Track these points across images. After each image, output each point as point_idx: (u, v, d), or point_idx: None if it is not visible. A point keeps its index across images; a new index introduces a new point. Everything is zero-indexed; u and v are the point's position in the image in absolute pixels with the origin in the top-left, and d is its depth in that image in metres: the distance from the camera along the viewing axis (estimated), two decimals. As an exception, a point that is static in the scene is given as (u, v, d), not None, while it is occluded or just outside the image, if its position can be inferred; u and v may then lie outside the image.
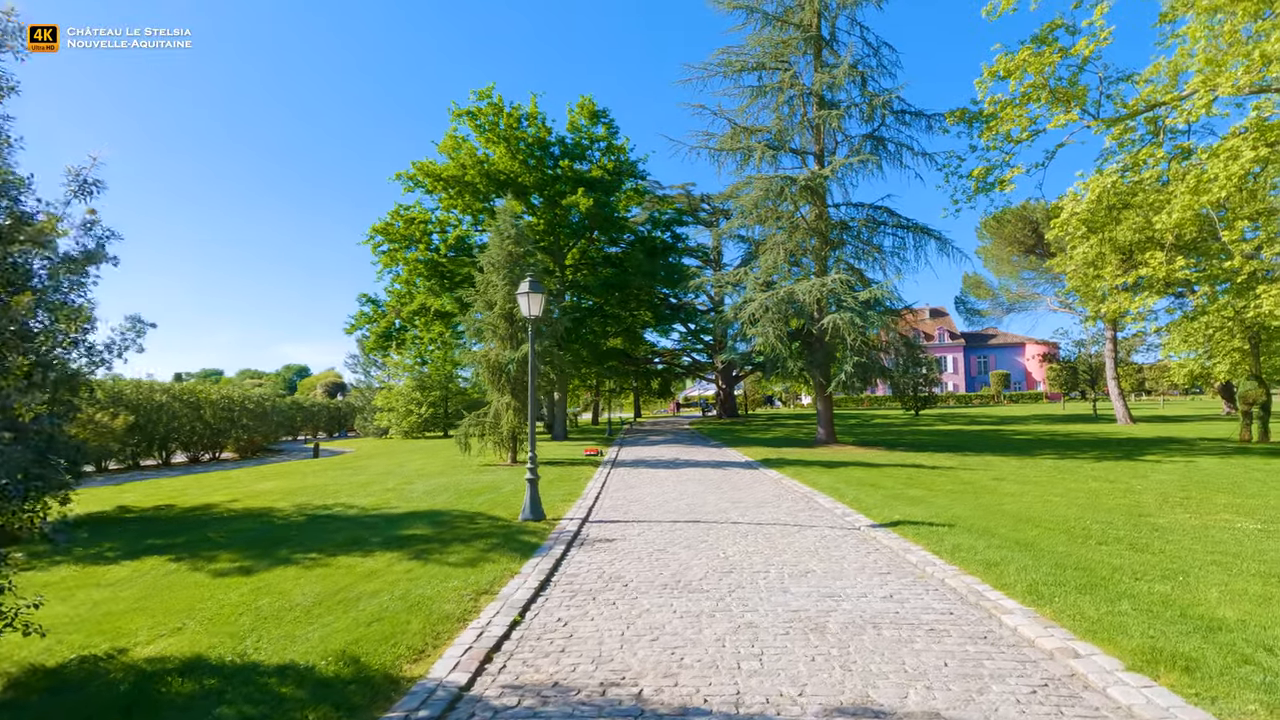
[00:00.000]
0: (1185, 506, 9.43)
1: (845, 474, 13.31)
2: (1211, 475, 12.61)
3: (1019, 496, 10.33)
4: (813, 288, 18.34)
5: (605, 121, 27.90)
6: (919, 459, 16.46)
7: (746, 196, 20.40)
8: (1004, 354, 74.51)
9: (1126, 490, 11.04)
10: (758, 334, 19.51)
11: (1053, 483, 12.03)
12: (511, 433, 16.77)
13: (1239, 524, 8.13)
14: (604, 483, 12.71)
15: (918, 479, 12.50)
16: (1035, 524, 7.96)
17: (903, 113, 20.84)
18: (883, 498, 10.08)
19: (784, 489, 11.50)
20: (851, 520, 8.33)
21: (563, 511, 9.34)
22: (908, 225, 20.85)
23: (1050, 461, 15.68)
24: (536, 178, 26.38)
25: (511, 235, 17.00)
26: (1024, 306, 39.89)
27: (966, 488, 11.33)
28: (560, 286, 27.72)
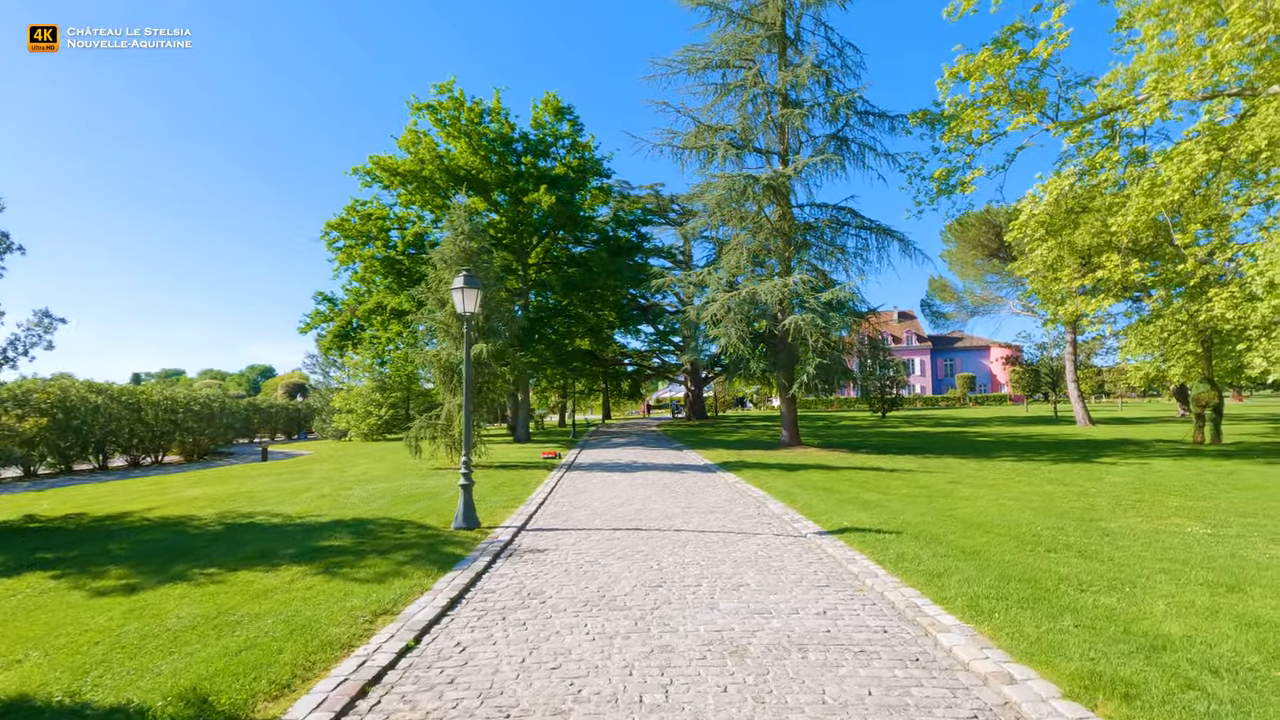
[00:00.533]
0: (1137, 510, 9.31)
1: (802, 477, 13.02)
2: (1165, 477, 12.60)
3: (973, 500, 10.13)
4: (775, 288, 18.08)
5: (570, 118, 27.42)
6: (879, 461, 16.29)
7: (710, 196, 20.08)
8: (970, 357, 75.67)
9: (1081, 493, 10.93)
10: (720, 335, 19.20)
11: (1009, 486, 11.90)
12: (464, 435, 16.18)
13: (1189, 528, 7.99)
14: (553, 487, 12.23)
15: (874, 483, 12.26)
16: (986, 530, 7.71)
17: (866, 114, 20.74)
18: (835, 503, 9.78)
19: (737, 493, 11.15)
20: (799, 527, 7.99)
21: (501, 519, 8.85)
22: (871, 226, 20.75)
23: (1009, 464, 15.63)
24: (499, 174, 25.79)
25: (465, 231, 16.44)
26: (987, 310, 40.41)
27: (922, 491, 11.11)
28: (523, 285, 27.16)
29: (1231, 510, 9.07)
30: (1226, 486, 11.36)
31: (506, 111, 26.52)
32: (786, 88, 20.66)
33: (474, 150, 25.66)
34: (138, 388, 22.15)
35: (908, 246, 20.42)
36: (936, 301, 46.36)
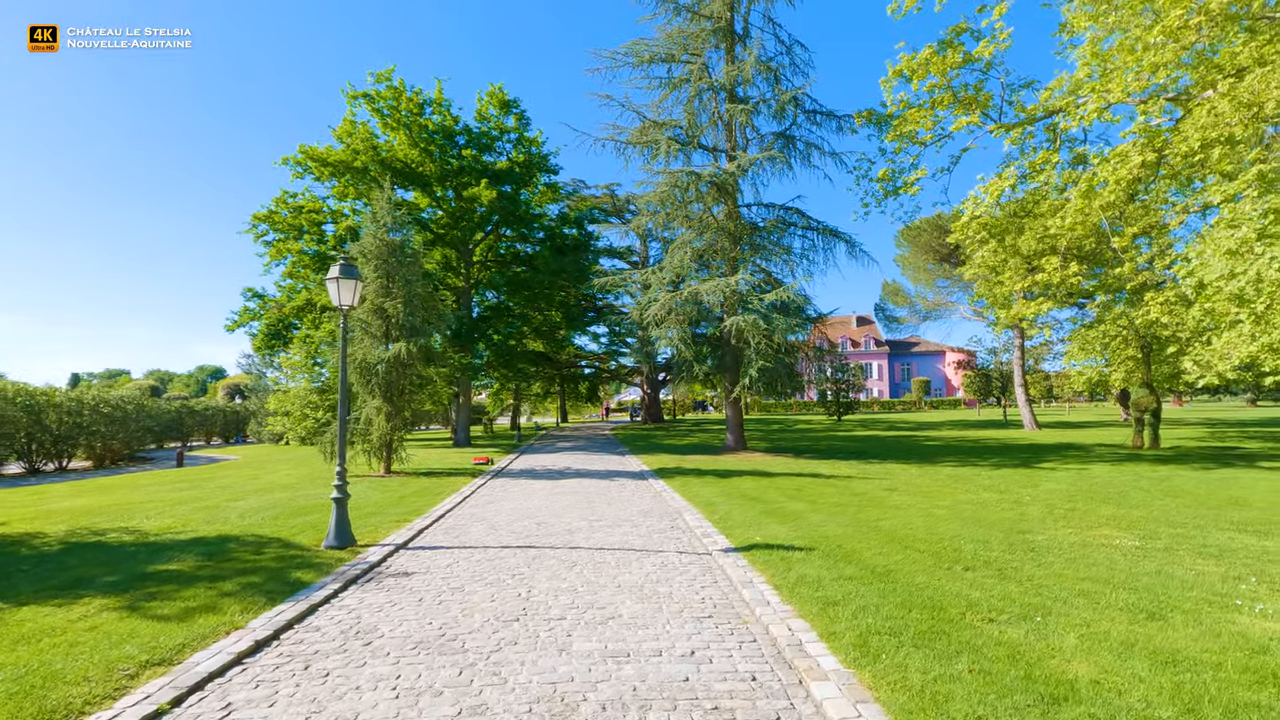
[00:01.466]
0: (1068, 520, 8.90)
1: (734, 485, 12.41)
2: (1100, 484, 12.35)
3: (903, 510, 9.63)
4: (716, 288, 17.51)
5: (516, 112, 26.51)
6: (821, 467, 15.82)
7: (653, 193, 19.45)
8: (926, 361, 76.81)
9: (1015, 501, 10.54)
10: (662, 336, 18.55)
11: (944, 493, 11.48)
12: (384, 440, 15.17)
13: (1118, 540, 7.57)
14: (466, 497, 11.36)
15: (807, 490, 11.71)
16: (906, 545, 7.15)
17: (814, 112, 20.39)
18: (758, 513, 9.16)
19: (660, 503, 10.46)
20: (708, 542, 7.32)
21: (385, 535, 7.97)
22: (818, 227, 20.37)
23: (949, 469, 15.30)
24: (440, 168, 24.74)
25: (387, 223, 15.44)
26: (939, 314, 40.79)
27: (853, 500, 10.58)
28: (466, 284, 26.11)
29: (1162, 520, 8.72)
30: (1160, 494, 11.12)
31: (449, 103, 25.52)
32: (734, 84, 20.19)
33: (414, 142, 24.58)
34: (37, 388, 20.47)
35: (854, 248, 20.10)
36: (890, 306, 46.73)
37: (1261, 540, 7.55)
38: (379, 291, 15.10)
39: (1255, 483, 12.17)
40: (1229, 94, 10.92)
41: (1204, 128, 11.23)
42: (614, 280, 19.78)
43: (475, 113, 26.31)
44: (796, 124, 20.51)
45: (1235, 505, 9.96)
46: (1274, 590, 5.52)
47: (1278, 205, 7.53)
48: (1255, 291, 8.35)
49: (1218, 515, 9.10)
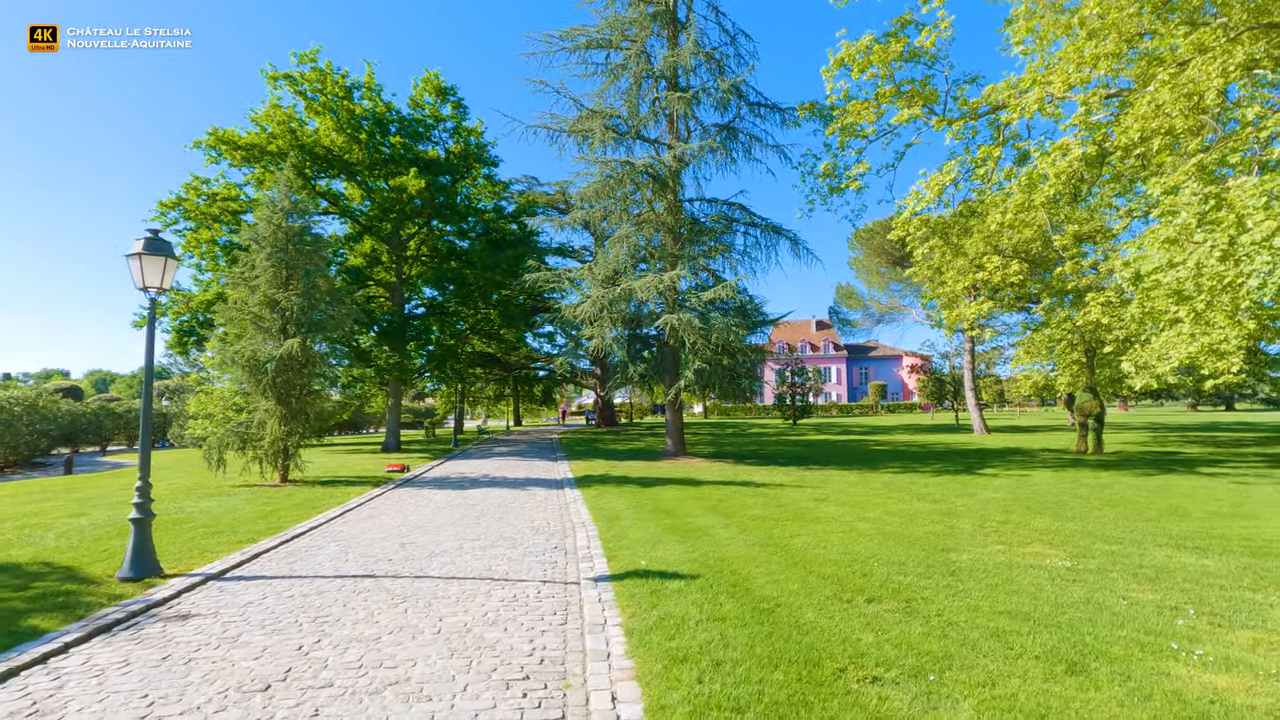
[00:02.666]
0: (999, 535, 8.12)
1: (653, 496, 11.41)
2: (1040, 492, 11.70)
3: (825, 524, 8.74)
4: (650, 285, 16.52)
5: (454, 100, 25.22)
6: (756, 474, 14.94)
7: (588, 185, 18.42)
8: (884, 365, 77.40)
9: (947, 512, 9.76)
10: (593, 335, 17.49)
11: (876, 503, 10.67)
12: (279, 446, 13.76)
13: (1048, 559, 6.78)
14: (347, 511, 10.10)
15: (729, 501, 10.77)
16: (810, 569, 6.21)
17: (758, 105, 19.62)
18: (660, 530, 8.15)
19: (560, 517, 9.39)
20: (585, 568, 6.27)
21: (208, 560, 6.72)
22: (761, 224, 19.59)
23: (889, 476, 14.58)
24: (369, 156, 23.28)
25: (285, 207, 14.06)
26: (893, 318, 40.67)
27: (775, 512, 9.66)
28: (398, 279, 24.64)
29: (1098, 534, 7.99)
30: (1098, 503, 10.48)
31: (380, 89, 24.07)
32: (675, 72, 19.30)
33: (341, 128, 23.07)
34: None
35: (798, 246, 19.36)
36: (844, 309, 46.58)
37: (1200, 558, 6.83)
38: (273, 282, 13.71)
39: (1194, 490, 11.67)
40: (1170, 82, 10.38)
41: (1144, 118, 10.68)
42: (547, 277, 18.61)
43: (409, 99, 24.93)
44: (740, 116, 19.72)
45: (1174, 516, 9.35)
46: (1214, 624, 4.72)
47: (1219, 192, 6.88)
48: (1195, 287, 7.69)
49: (1156, 528, 8.43)
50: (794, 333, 79.30)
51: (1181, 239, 7.13)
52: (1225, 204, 6.65)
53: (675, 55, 18.30)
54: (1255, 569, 6.39)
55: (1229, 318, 8.40)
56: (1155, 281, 7.68)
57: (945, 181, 14.53)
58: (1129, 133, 10.85)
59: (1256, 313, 7.97)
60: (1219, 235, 6.37)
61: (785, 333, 78.88)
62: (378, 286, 25.46)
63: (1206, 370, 10.69)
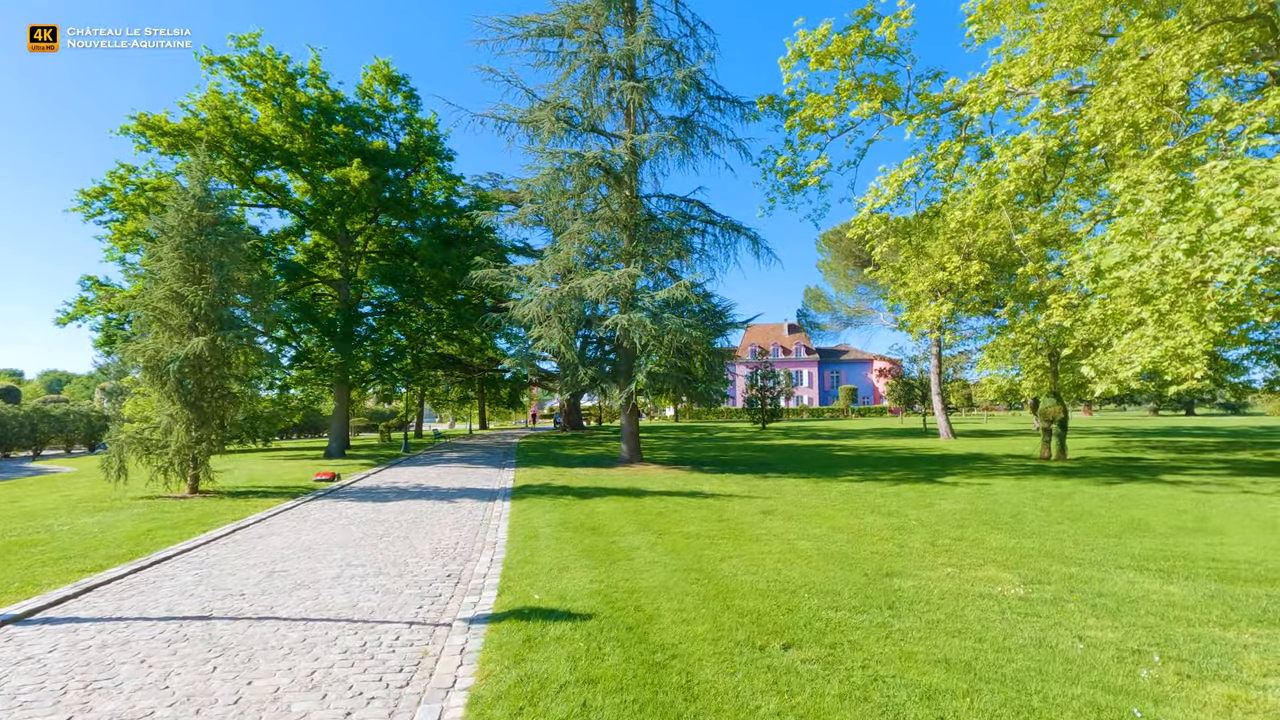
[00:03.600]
0: (952, 554, 7.41)
1: (586, 509, 10.54)
2: (999, 503, 11.08)
3: (764, 542, 7.96)
4: (600, 283, 15.66)
5: (405, 90, 24.13)
6: (708, 484, 14.15)
7: (536, 177, 17.50)
8: (855, 369, 77.55)
9: (899, 527, 9.05)
10: (541, 336, 16.57)
11: (825, 516, 9.93)
12: (186, 455, 12.59)
13: (1000, 585, 6.06)
14: (237, 529, 9.04)
15: (668, 516, 9.94)
16: (730, 602, 5.40)
17: (718, 98, 18.90)
18: (574, 553, 7.28)
19: (474, 536, 8.46)
20: (469, 602, 5.38)
21: (23, 595, 5.67)
22: (720, 222, 18.86)
23: (846, 485, 13.90)
24: (312, 146, 22.08)
25: (197, 194, 12.92)
26: (861, 321, 40.37)
27: (713, 529, 8.85)
28: (344, 276, 23.42)
29: (1056, 553, 7.32)
30: (1058, 515, 9.87)
31: (327, 76, 22.92)
32: (632, 63, 18.51)
33: (282, 116, 21.85)
34: None
35: (757, 245, 18.66)
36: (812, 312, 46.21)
37: (1165, 584, 6.17)
38: (181, 275, 12.56)
39: (1157, 501, 11.15)
40: (1134, 71, 9.83)
41: (1106, 109, 10.12)
42: (494, 274, 17.63)
43: (358, 88, 23.79)
44: (700, 110, 18.98)
45: (1137, 531, 8.75)
46: (1183, 675, 3.99)
47: (1186, 182, 6.26)
48: (1159, 285, 7.06)
49: (1117, 546, 7.80)
50: (766, 336, 79.10)
51: (1145, 231, 6.50)
52: (1192, 193, 6.03)
53: (631, 44, 17.50)
54: (1224, 597, 5.73)
55: (1195, 320, 7.81)
56: (1117, 279, 7.05)
57: (905, 178, 13.94)
58: (1091, 125, 10.29)
59: (1223, 314, 7.40)
60: (1186, 226, 5.73)
61: (757, 336, 78.64)
62: (324, 284, 24.21)
63: (1169, 376, 10.16)
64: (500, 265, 18.63)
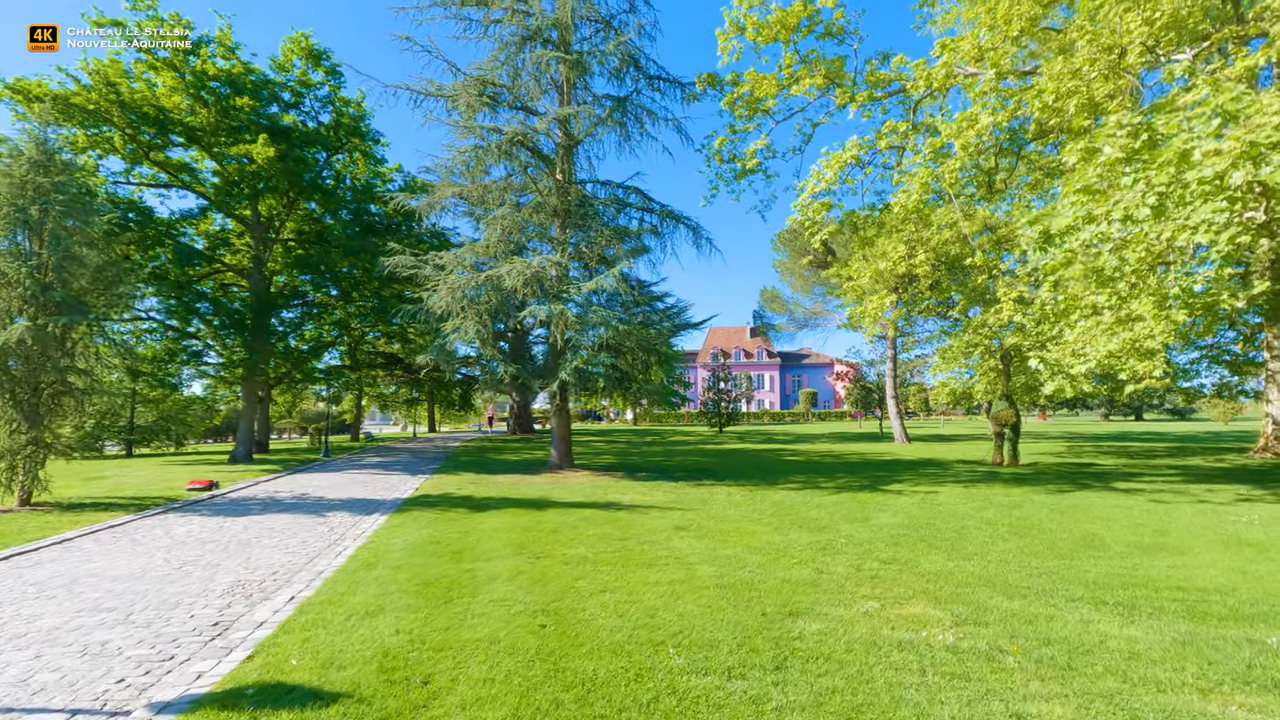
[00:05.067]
0: (878, 583, 6.16)
1: (465, 526, 9.06)
2: (943, 515, 9.94)
3: (658, 568, 6.61)
4: (518, 271, 14.18)
5: (328, 65, 22.28)
6: (631, 492, 12.78)
7: (453, 154, 15.96)
8: (817, 373, 77.29)
9: (825, 546, 7.80)
10: (459, 329, 15.02)
11: (745, 533, 8.65)
12: (10, 461, 10.69)
13: (927, 627, 4.81)
14: (20, 552, 7.32)
15: (561, 533, 8.53)
16: (564, 663, 4.00)
17: (658, 78, 17.61)
18: (408, 588, 5.80)
19: (298, 566, 6.92)
20: (193, 672, 3.89)
21: None
22: (659, 210, 17.54)
23: (783, 494, 12.68)
24: (217, 121, 20.11)
25: (32, 158, 11.06)
26: (817, 323, 39.60)
27: (605, 550, 7.47)
28: (255, 264, 21.43)
29: (999, 582, 6.11)
30: (1006, 530, 8.74)
31: (239, 47, 20.97)
32: (567, 38, 17.10)
33: (185, 88, 19.85)
34: None
35: (698, 235, 17.38)
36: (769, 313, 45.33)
37: (1126, 624, 4.98)
38: (9, 252, 10.69)
39: (1111, 513, 10.13)
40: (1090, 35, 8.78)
41: (1059, 78, 9.07)
42: (406, 262, 16.00)
43: (274, 62, 21.88)
44: (638, 91, 17.64)
45: (1090, 549, 7.65)
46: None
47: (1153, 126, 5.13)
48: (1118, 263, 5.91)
49: (1070, 569, 6.65)
50: (729, 339, 78.39)
51: (1105, 185, 5.36)
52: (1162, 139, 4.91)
53: (561, 12, 16.09)
54: (1198, 644, 4.55)
55: (1156, 308, 6.72)
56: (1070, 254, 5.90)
57: (847, 159, 12.80)
58: (1043, 95, 9.23)
59: (1188, 301, 6.33)
60: (1156, 174, 4.58)
61: (719, 339, 77.89)
62: (233, 273, 22.18)
63: (1126, 375, 9.15)
64: (420, 253, 16.97)
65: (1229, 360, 20.99)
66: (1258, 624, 5.04)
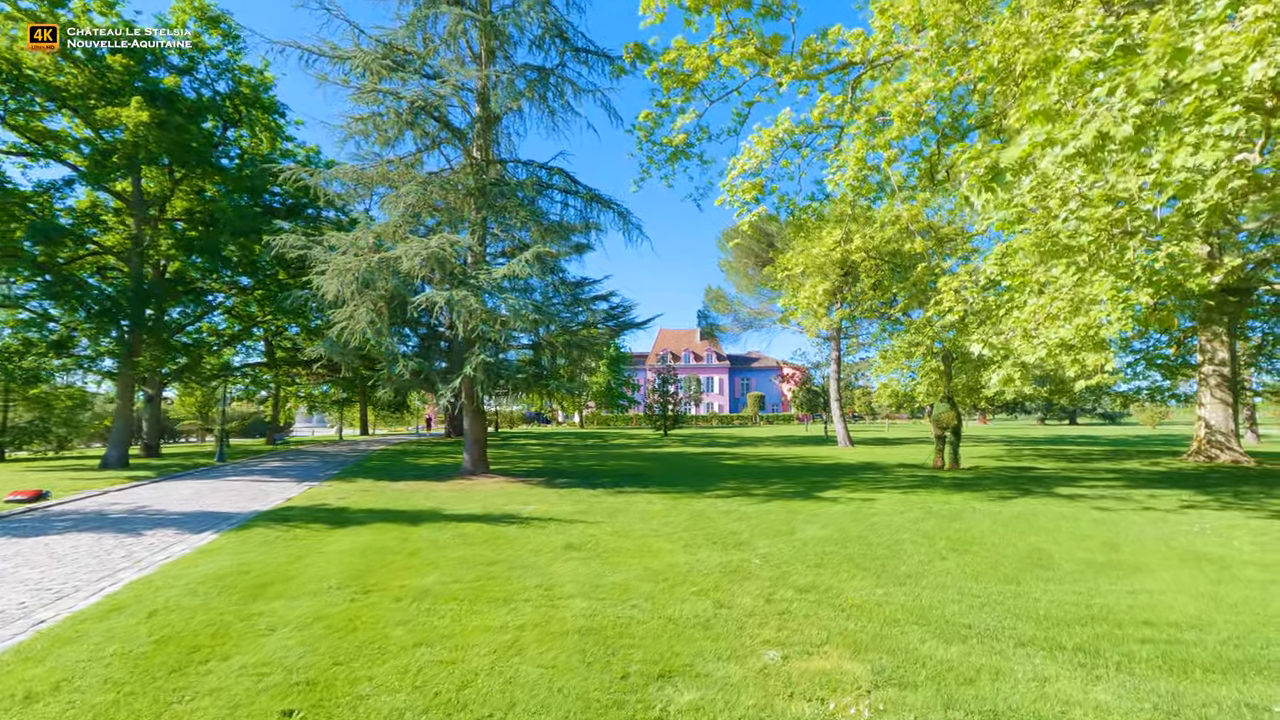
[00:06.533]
0: (787, 620, 4.90)
1: (306, 547, 7.45)
2: (877, 526, 8.81)
3: (514, 605, 5.19)
4: (414, 251, 12.55)
5: (225, 29, 20.11)
6: (538, 502, 11.31)
7: (352, 123, 14.23)
8: (765, 376, 77.17)
9: (735, 569, 6.53)
10: (350, 318, 13.27)
11: (648, 551, 7.31)
12: None
13: (837, 691, 3.55)
14: None
15: (420, 555, 7.01)
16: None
17: (585, 51, 16.23)
18: (115, 653, 4.24)
19: (50, 605, 5.24)
20: None
21: None
22: (584, 193, 16.16)
23: (708, 502, 11.43)
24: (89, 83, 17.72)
25: None
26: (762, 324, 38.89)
27: (462, 579, 6.00)
28: (135, 246, 19.02)
29: (934, 618, 4.90)
30: (945, 544, 7.65)
31: (120, 2, 18.64)
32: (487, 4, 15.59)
33: (53, 46, 17.42)
34: None
35: (626, 220, 16.05)
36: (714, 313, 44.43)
37: (1090, 683, 3.82)
38: None
39: (1056, 522, 9.20)
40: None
41: (1005, 34, 8.06)
42: (295, 241, 14.17)
43: (160, 20, 19.59)
44: (564, 64, 16.22)
45: (1038, 566, 6.59)
46: None
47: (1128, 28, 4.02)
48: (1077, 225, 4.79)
49: (1017, 596, 5.52)
50: (679, 341, 77.58)
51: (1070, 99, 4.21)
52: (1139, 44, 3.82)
53: (476, -32, 14.57)
54: (1185, 713, 3.39)
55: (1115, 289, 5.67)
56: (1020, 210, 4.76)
57: (779, 133, 11.67)
58: (988, 56, 8.21)
59: (1152, 279, 5.30)
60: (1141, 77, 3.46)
61: (669, 341, 77.03)
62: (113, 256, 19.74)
63: (1073, 371, 8.19)
64: (317, 235, 15.09)
65: (1161, 364, 20.90)
66: (1250, 677, 3.93)
